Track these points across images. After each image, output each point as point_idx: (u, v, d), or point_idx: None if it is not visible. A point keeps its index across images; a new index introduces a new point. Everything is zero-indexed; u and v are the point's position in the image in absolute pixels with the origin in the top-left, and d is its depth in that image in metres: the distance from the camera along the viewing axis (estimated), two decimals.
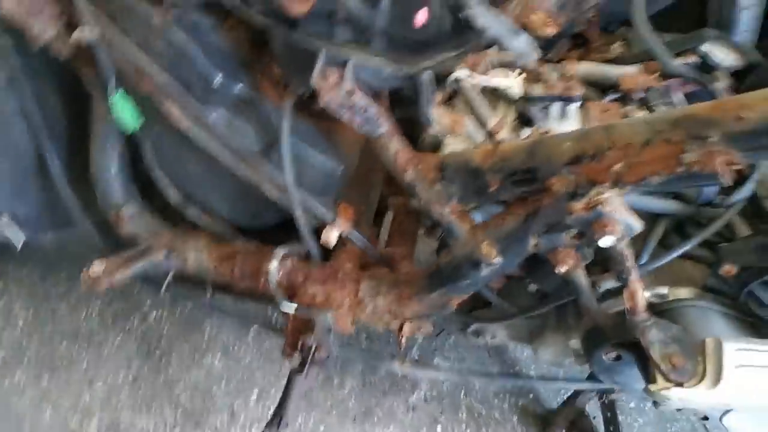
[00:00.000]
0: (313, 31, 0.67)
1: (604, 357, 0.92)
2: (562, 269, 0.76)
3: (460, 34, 0.48)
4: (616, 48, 1.25)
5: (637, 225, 0.71)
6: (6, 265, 1.69)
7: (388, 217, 1.36)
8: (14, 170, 1.11)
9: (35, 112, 1.07)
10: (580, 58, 1.18)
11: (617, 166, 0.66)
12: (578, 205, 0.70)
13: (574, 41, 1.32)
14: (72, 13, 0.88)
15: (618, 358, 0.92)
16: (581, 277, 0.79)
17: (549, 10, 0.88)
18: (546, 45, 1.22)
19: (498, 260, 0.81)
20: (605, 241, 0.69)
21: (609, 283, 0.87)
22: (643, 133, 0.65)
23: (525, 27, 1.12)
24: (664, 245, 0.90)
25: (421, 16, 0.50)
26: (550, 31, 1.14)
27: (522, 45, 0.44)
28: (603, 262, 0.95)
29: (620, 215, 0.69)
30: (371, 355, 1.20)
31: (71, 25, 0.89)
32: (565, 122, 0.91)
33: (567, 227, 0.73)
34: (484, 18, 0.44)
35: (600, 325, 0.78)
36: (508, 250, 0.80)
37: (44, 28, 0.87)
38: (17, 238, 1.18)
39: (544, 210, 0.73)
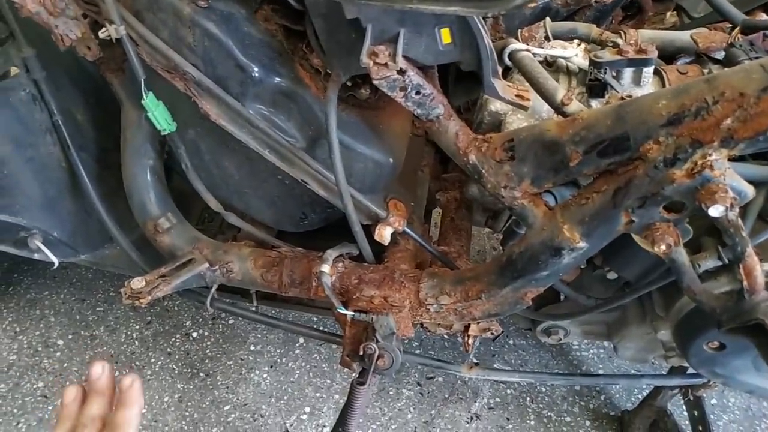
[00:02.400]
0: None
1: (705, 347, 0.83)
2: (660, 248, 0.66)
3: None
4: (670, 17, 1.17)
5: (750, 190, 0.62)
6: (42, 291, 1.65)
7: (436, 214, 1.29)
8: (45, 187, 1.07)
9: (62, 125, 1.02)
10: (635, 28, 1.09)
11: (729, 121, 0.57)
12: (680, 172, 0.61)
13: (626, 11, 1.23)
14: (97, 11, 0.83)
15: (721, 347, 0.82)
16: (682, 257, 0.69)
17: None
18: (599, 15, 1.13)
19: (583, 244, 0.72)
20: (714, 211, 0.60)
21: (709, 263, 0.77)
22: (759, 79, 0.56)
23: None
24: (764, 218, 0.80)
25: None
26: None
27: None
28: (692, 241, 0.86)
29: (730, 179, 0.60)
30: (432, 361, 1.11)
31: (98, 25, 0.84)
32: (639, 90, 0.82)
33: (666, 199, 0.64)
34: None
35: (710, 310, 0.68)
36: (595, 231, 0.71)
37: (69, 29, 0.81)
38: (50, 260, 1.13)
39: (638, 181, 0.64)
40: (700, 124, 0.59)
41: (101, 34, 0.80)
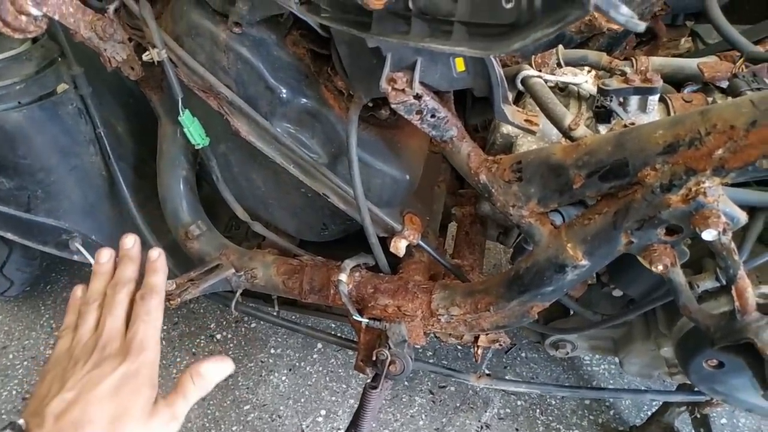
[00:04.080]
0: (386, 29, 0.66)
1: (704, 364, 0.86)
2: (658, 268, 0.70)
3: (554, 10, 0.45)
4: (684, 43, 1.20)
5: (742, 216, 0.65)
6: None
7: (452, 227, 1.33)
8: (86, 194, 1.15)
9: (105, 137, 1.10)
10: (648, 55, 1.13)
11: (720, 151, 0.61)
12: (676, 197, 0.65)
13: (640, 37, 1.27)
14: (141, 36, 0.91)
15: (720, 365, 0.85)
16: (679, 277, 0.73)
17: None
18: (612, 42, 1.17)
19: (585, 263, 0.76)
20: (708, 235, 0.64)
21: (707, 284, 0.81)
22: (748, 113, 0.60)
23: (590, 21, 1.09)
24: (764, 241, 0.83)
25: None
26: (618, 26, 1.10)
27: (626, 15, 0.41)
28: (694, 263, 0.89)
29: (723, 205, 0.64)
30: (443, 370, 1.15)
31: (141, 48, 0.91)
32: (645, 117, 0.86)
33: (662, 222, 0.68)
34: None
35: (704, 328, 0.71)
36: (596, 251, 0.75)
37: (116, 52, 0.89)
38: (89, 261, 1.21)
39: (636, 205, 0.68)
40: (694, 153, 0.63)
41: (145, 57, 0.87)
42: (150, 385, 0.57)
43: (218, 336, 1.61)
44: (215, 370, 0.62)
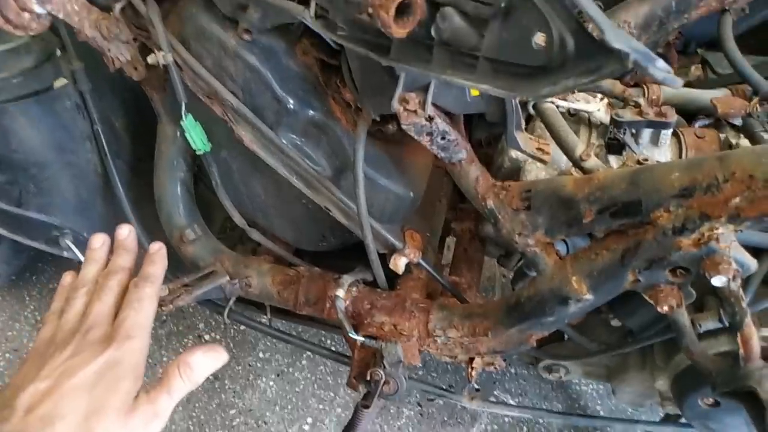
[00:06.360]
0: (406, 56, 0.64)
1: (700, 402, 0.85)
2: (663, 309, 0.70)
3: (587, 59, 0.44)
4: (694, 71, 1.19)
5: (753, 264, 0.65)
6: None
7: (450, 242, 1.32)
8: (79, 190, 1.12)
9: (102, 133, 1.07)
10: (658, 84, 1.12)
11: (736, 200, 0.61)
12: (687, 241, 0.65)
13: None
14: (147, 37, 0.88)
15: (716, 404, 0.85)
16: (683, 318, 0.72)
17: (630, 31, 0.84)
18: None
19: (589, 297, 0.75)
20: (717, 281, 0.63)
21: (709, 324, 0.80)
22: None
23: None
24: None
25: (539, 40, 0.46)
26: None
27: (664, 70, 0.39)
28: (697, 299, 0.89)
29: (734, 252, 0.64)
30: (435, 390, 1.14)
31: (145, 49, 0.89)
32: (657, 150, 0.85)
33: (671, 264, 0.67)
34: (623, 41, 0.40)
35: (706, 372, 0.71)
36: (601, 286, 0.74)
37: (120, 52, 0.86)
38: (78, 259, 1.18)
39: (646, 244, 0.67)
40: (710, 199, 0.62)
41: (149, 59, 0.84)
42: (133, 377, 0.53)
43: (207, 337, 1.59)
44: (206, 361, 0.59)
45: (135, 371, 0.54)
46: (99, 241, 0.66)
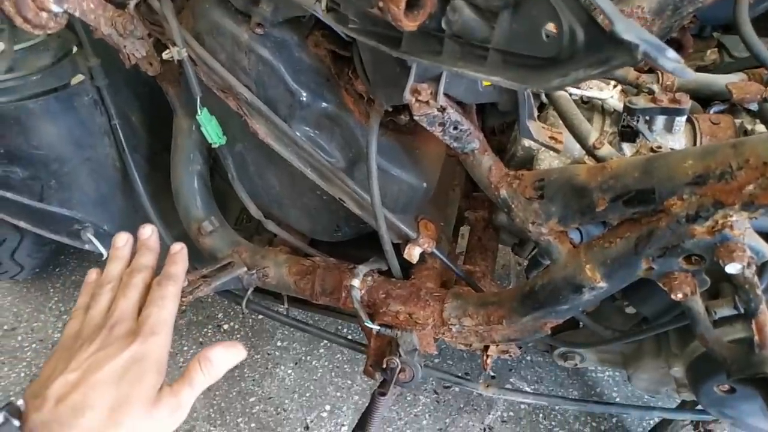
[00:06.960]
0: (416, 47, 0.64)
1: (715, 389, 0.85)
2: (678, 296, 0.70)
3: (596, 51, 0.44)
4: (710, 54, 1.17)
5: (767, 250, 0.64)
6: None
7: (464, 231, 1.32)
8: (99, 184, 1.15)
9: (120, 128, 1.09)
10: None
11: (750, 187, 0.60)
12: (701, 229, 0.64)
13: None
14: (161, 32, 0.89)
15: (732, 390, 0.85)
16: (698, 305, 0.72)
17: (643, 16, 0.83)
18: None
19: (603, 285, 0.75)
20: (731, 268, 0.63)
21: (724, 311, 0.80)
22: None
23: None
24: None
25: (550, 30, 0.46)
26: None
27: (675, 61, 0.39)
28: (711, 287, 0.89)
29: (748, 239, 0.63)
30: (451, 377, 1.15)
31: (160, 45, 0.90)
32: (671, 137, 0.84)
33: (685, 251, 0.67)
34: (632, 33, 0.40)
35: (721, 359, 0.71)
36: (615, 274, 0.74)
37: (136, 48, 0.88)
38: (100, 251, 1.21)
39: (660, 232, 0.67)
40: (724, 186, 0.62)
41: (165, 55, 0.86)
42: (156, 370, 0.56)
43: (225, 326, 1.62)
44: (226, 356, 0.60)
45: (159, 365, 0.56)
46: (123, 240, 0.68)
